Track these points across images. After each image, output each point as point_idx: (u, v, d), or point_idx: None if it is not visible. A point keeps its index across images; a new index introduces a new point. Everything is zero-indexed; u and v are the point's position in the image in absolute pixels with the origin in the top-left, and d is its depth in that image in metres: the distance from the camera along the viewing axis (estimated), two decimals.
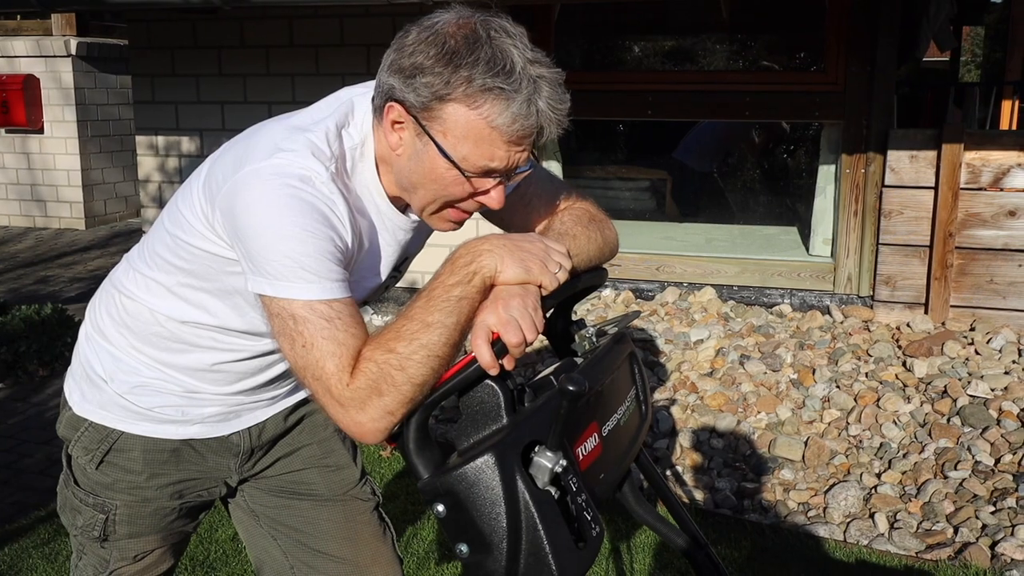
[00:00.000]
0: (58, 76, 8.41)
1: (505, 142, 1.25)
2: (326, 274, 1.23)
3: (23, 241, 8.28)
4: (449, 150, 1.25)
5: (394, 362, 1.17)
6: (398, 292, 5.06)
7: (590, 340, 1.42)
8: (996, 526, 2.95)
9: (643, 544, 2.95)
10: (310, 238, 1.23)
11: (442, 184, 1.29)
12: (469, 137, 1.24)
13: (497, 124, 1.23)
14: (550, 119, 1.25)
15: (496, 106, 1.22)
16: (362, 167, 1.37)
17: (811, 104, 4.62)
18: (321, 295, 1.23)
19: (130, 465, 1.59)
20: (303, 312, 1.22)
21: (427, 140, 1.27)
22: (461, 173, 1.27)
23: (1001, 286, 4.23)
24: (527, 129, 1.24)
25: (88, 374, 1.60)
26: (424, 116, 1.26)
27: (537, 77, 1.24)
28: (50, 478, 3.55)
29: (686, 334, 4.27)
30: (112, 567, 1.64)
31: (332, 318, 1.22)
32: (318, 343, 1.21)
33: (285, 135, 1.31)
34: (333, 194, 1.28)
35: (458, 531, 1.14)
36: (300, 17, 4.99)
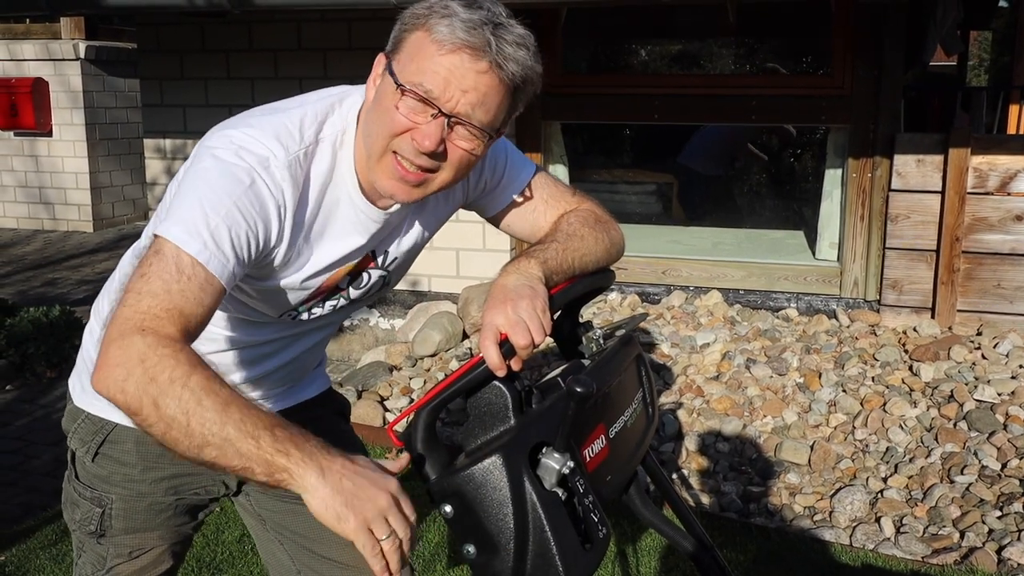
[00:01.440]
0: (67, 79, 8.45)
1: (441, 55, 1.24)
2: (214, 240, 1.21)
3: (31, 243, 8.31)
4: (396, 70, 1.27)
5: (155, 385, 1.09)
6: (404, 295, 5.07)
7: (597, 342, 1.42)
8: (1003, 531, 2.95)
9: (649, 547, 2.95)
10: (231, 210, 1.23)
11: (384, 112, 1.29)
12: (414, 55, 1.26)
13: (436, 36, 1.24)
14: (504, 53, 1.24)
15: (445, 22, 1.24)
16: (341, 155, 1.38)
17: (818, 108, 4.62)
18: (197, 252, 1.19)
19: (124, 457, 1.60)
20: (168, 251, 1.19)
21: (387, 72, 1.29)
22: (395, 84, 1.26)
23: (1008, 290, 4.23)
24: (467, 42, 1.22)
25: (88, 366, 1.61)
26: (392, 53, 1.30)
27: (502, 22, 1.25)
28: (57, 479, 3.54)
29: (692, 338, 4.27)
30: (109, 564, 1.65)
31: (185, 274, 1.18)
32: (153, 279, 1.17)
33: (260, 112, 1.35)
34: (284, 181, 1.29)
35: (465, 532, 1.15)
36: (308, 21, 5.01)
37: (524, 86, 1.30)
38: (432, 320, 4.61)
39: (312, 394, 1.76)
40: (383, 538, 1.06)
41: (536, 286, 1.27)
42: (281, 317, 1.49)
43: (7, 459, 3.81)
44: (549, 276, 1.33)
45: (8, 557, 3.01)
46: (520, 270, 1.30)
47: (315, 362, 1.74)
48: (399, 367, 4.42)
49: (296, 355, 1.63)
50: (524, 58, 1.26)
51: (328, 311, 1.55)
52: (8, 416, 4.25)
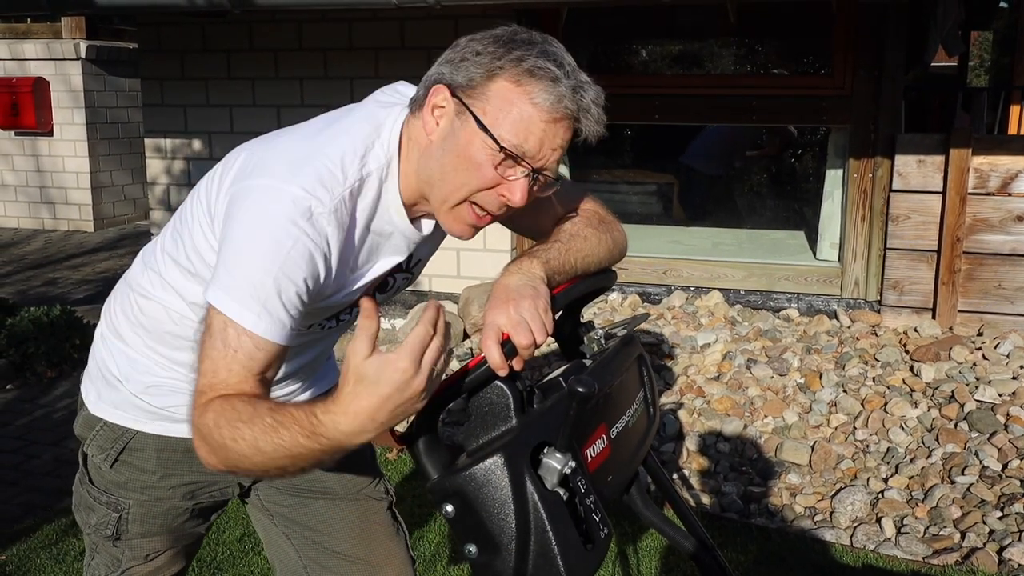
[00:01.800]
0: (68, 79, 8.45)
1: (543, 122, 1.26)
2: (267, 310, 1.23)
3: (32, 243, 8.31)
4: (488, 124, 1.26)
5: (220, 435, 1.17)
6: (406, 295, 5.07)
7: (599, 342, 1.42)
8: (1003, 531, 2.95)
9: (650, 547, 2.95)
10: (276, 273, 1.23)
11: (471, 165, 1.28)
12: (509, 111, 1.26)
13: (538, 101, 1.25)
14: (591, 114, 1.28)
15: (542, 85, 1.25)
16: (387, 187, 1.37)
17: (819, 108, 4.62)
18: (245, 322, 1.22)
19: (144, 464, 1.60)
20: (217, 326, 1.22)
21: (466, 117, 1.27)
22: (494, 142, 1.26)
23: (1009, 291, 4.23)
24: (568, 112, 1.26)
25: (104, 375, 1.61)
26: (468, 94, 1.27)
27: (586, 81, 1.29)
28: (58, 479, 3.56)
29: (693, 338, 4.27)
30: (124, 566, 1.65)
31: (230, 346, 1.22)
32: (206, 359, 1.23)
33: (306, 157, 1.31)
34: (329, 227, 1.28)
35: (467, 532, 1.15)
36: (309, 21, 5.01)
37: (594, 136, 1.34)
38: None
39: (327, 387, 1.76)
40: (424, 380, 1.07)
41: (538, 286, 1.27)
42: (310, 328, 1.50)
43: (7, 458, 3.81)
44: (551, 276, 1.33)
45: (9, 556, 3.01)
46: (523, 270, 1.30)
47: (327, 355, 1.75)
48: None
49: (315, 357, 1.65)
50: (601, 117, 1.31)
51: (354, 317, 1.56)
52: (8, 416, 4.25)
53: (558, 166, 1.32)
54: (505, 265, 1.34)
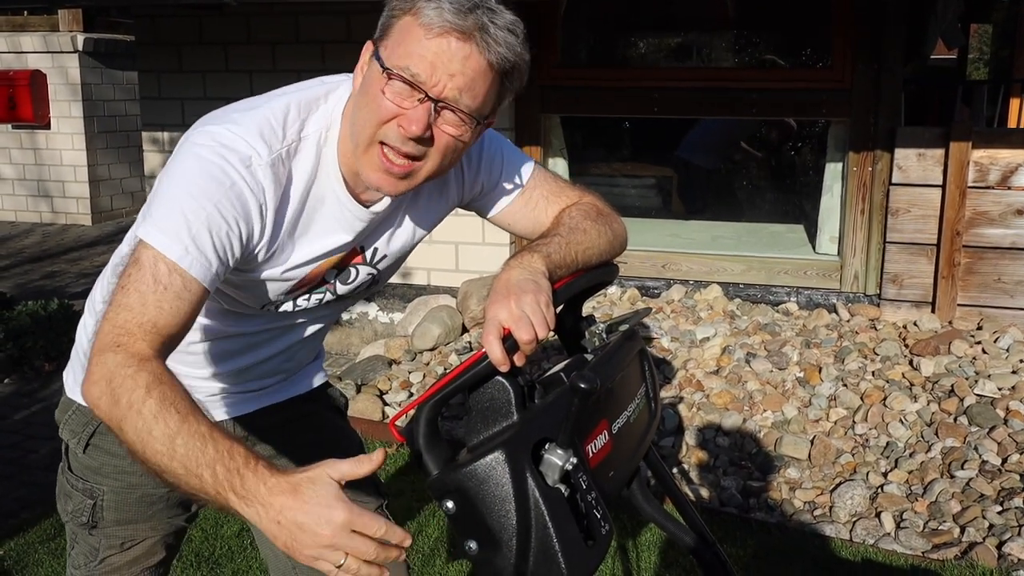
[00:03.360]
0: (65, 71, 8.42)
1: (428, 39, 1.22)
2: (196, 244, 1.21)
3: (30, 236, 8.29)
4: (383, 56, 1.26)
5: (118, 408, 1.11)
6: (404, 289, 5.06)
7: (600, 337, 1.41)
8: (1003, 526, 2.94)
9: (650, 542, 2.95)
10: (211, 209, 1.22)
11: (370, 99, 1.27)
12: (401, 40, 1.24)
13: (424, 20, 1.22)
14: (492, 37, 1.22)
15: (431, 5, 1.22)
16: (326, 152, 1.36)
17: (818, 102, 4.61)
18: (172, 254, 1.19)
19: (115, 448, 1.59)
20: (147, 260, 1.20)
21: (374, 59, 1.28)
22: (381, 68, 1.24)
23: (1009, 285, 4.22)
24: (452, 25, 1.21)
25: (80, 357, 1.62)
26: (379, 39, 1.28)
27: (491, 7, 1.24)
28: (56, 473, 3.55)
29: (692, 332, 4.26)
30: (101, 555, 1.65)
31: (161, 284, 1.18)
32: (130, 291, 1.18)
33: (245, 107, 1.33)
34: (265, 179, 1.28)
35: (467, 528, 1.14)
36: (306, 14, 4.99)
37: (512, 72, 1.29)
38: (431, 314, 4.60)
39: (306, 389, 1.75)
40: (338, 563, 1.02)
41: (540, 280, 1.27)
42: (264, 308, 1.48)
43: (5, 453, 3.80)
44: (553, 271, 1.32)
45: (6, 551, 3.01)
46: (523, 264, 1.29)
47: (310, 357, 1.73)
48: (398, 361, 4.41)
49: (286, 347, 1.62)
50: (513, 43, 1.25)
51: (314, 304, 1.53)
52: (6, 410, 4.24)
53: (475, 102, 1.26)
54: (506, 259, 1.33)
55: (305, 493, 1.03)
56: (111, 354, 1.14)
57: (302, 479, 1.04)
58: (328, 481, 1.04)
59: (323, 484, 1.04)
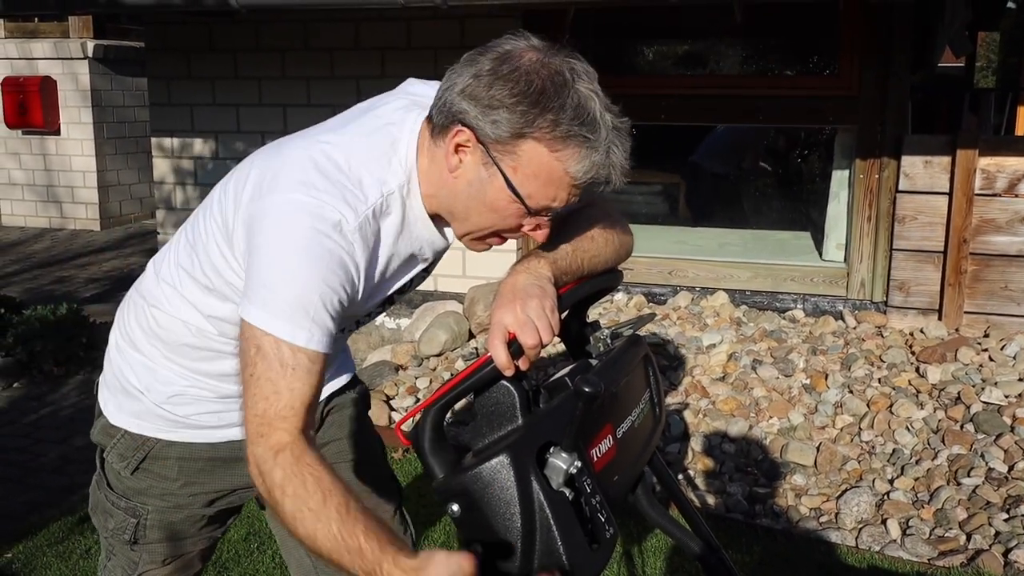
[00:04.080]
0: (75, 78, 8.47)
1: (573, 184, 1.26)
2: (316, 323, 1.23)
3: (39, 241, 8.33)
4: (517, 185, 1.26)
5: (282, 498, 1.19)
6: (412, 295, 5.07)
7: (605, 342, 1.42)
8: (1009, 533, 2.94)
9: (655, 547, 2.95)
10: (318, 286, 1.24)
11: (500, 216, 1.30)
12: (540, 177, 1.25)
13: (573, 171, 1.24)
14: (621, 170, 1.27)
15: (577, 153, 1.23)
16: (410, 203, 1.36)
17: (825, 109, 4.61)
18: (298, 340, 1.22)
19: (165, 472, 1.61)
20: (270, 348, 1.22)
21: (494, 172, 1.26)
22: (525, 209, 1.28)
23: (1016, 292, 4.21)
24: (600, 178, 1.26)
25: (123, 385, 1.60)
26: (496, 148, 1.24)
27: (614, 128, 1.25)
28: (65, 476, 3.57)
29: (698, 338, 4.27)
30: (140, 569, 1.67)
31: (288, 365, 1.22)
32: (262, 381, 1.22)
33: (320, 170, 1.29)
34: (356, 243, 1.28)
35: (472, 531, 1.15)
36: (315, 21, 5.01)
37: None
38: (438, 320, 4.61)
39: (343, 381, 1.78)
40: None
41: (545, 286, 1.28)
42: (344, 331, 1.53)
43: (14, 456, 3.82)
44: (559, 276, 1.33)
45: (15, 554, 3.02)
46: (530, 269, 1.30)
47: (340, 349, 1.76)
48: (405, 366, 4.42)
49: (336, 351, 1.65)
50: (627, 163, 1.28)
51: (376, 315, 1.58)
52: (15, 413, 4.26)
53: None
54: (512, 264, 1.34)
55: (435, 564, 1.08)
56: (273, 463, 1.19)
57: (435, 559, 1.09)
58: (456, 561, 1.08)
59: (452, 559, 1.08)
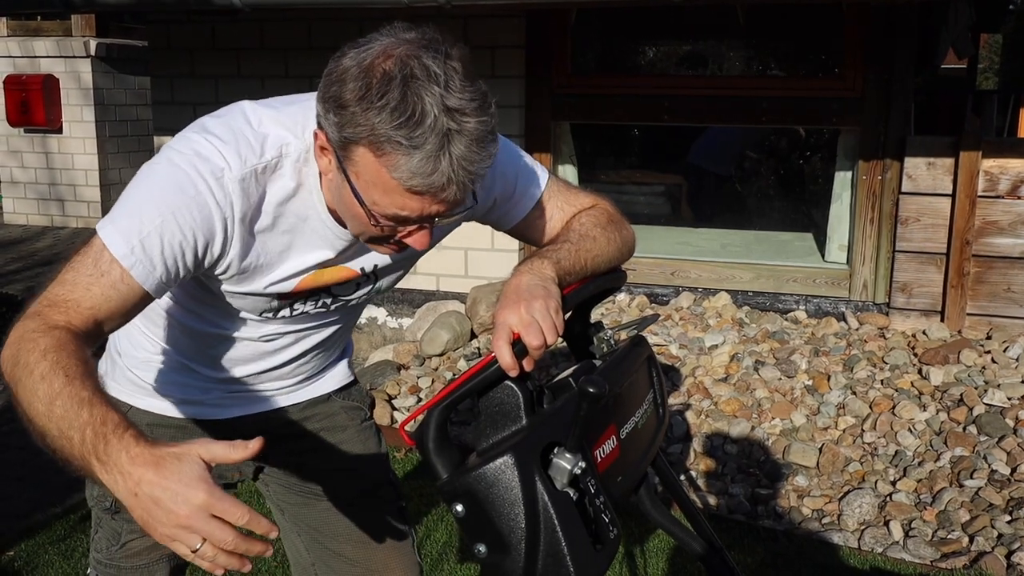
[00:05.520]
0: (78, 76, 8.47)
1: (409, 193, 1.17)
2: (146, 251, 1.22)
3: (41, 240, 8.33)
4: (361, 192, 1.21)
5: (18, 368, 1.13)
6: (413, 295, 5.07)
7: (608, 343, 1.42)
8: (1012, 535, 2.94)
9: (658, 548, 2.95)
10: (168, 216, 1.23)
11: (361, 223, 1.26)
12: (377, 184, 1.19)
13: (397, 176, 1.15)
14: (456, 177, 1.15)
15: (395, 158, 1.14)
16: (306, 172, 1.34)
17: (828, 110, 4.61)
18: (119, 253, 1.21)
19: None
20: (95, 247, 1.23)
21: (343, 177, 1.22)
22: (372, 218, 1.22)
23: (1018, 294, 4.21)
24: (427, 186, 1.15)
25: (109, 350, 1.66)
26: (341, 153, 1.21)
27: (452, 131, 1.13)
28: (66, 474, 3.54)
29: (700, 339, 4.26)
30: (123, 539, 1.68)
31: (101, 270, 1.21)
32: (69, 271, 1.21)
33: (228, 120, 1.32)
34: (234, 194, 1.27)
35: (476, 531, 1.15)
36: (319, 19, 5.01)
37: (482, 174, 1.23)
38: (440, 319, 4.62)
39: (330, 388, 1.76)
40: (194, 547, 0.98)
41: (549, 287, 1.27)
42: (262, 315, 1.50)
43: (15, 455, 3.82)
44: (562, 277, 1.33)
45: (16, 552, 3.02)
46: (533, 270, 1.30)
47: (332, 356, 1.74)
48: (407, 366, 4.42)
49: (306, 350, 1.63)
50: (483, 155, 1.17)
51: (318, 310, 1.54)
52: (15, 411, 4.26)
53: (461, 201, 1.22)
54: (515, 265, 1.33)
55: (167, 468, 0.99)
56: (30, 320, 1.17)
57: (167, 453, 1.00)
58: (195, 460, 1.00)
59: (189, 462, 0.99)
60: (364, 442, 1.79)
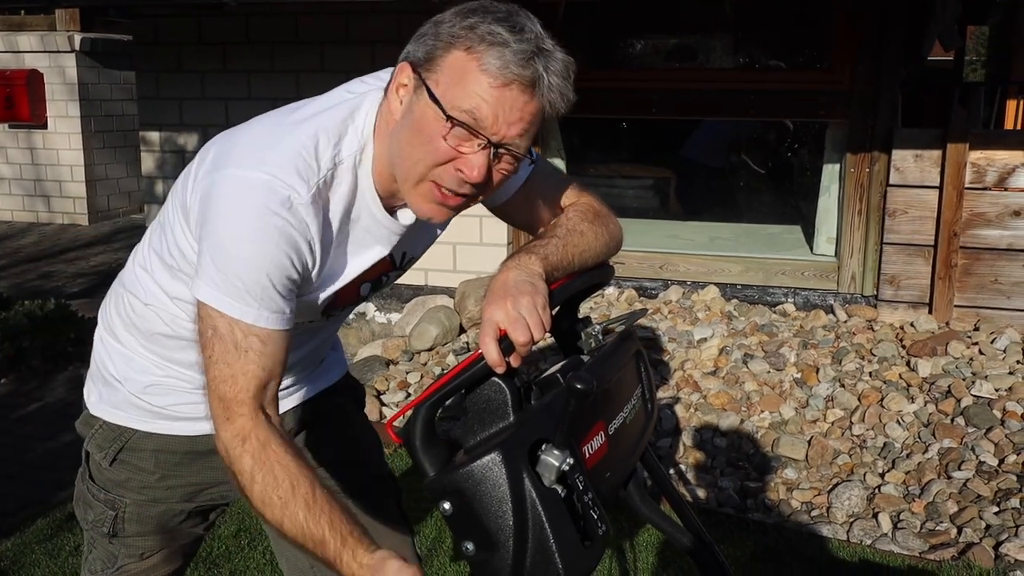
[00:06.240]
0: (62, 71, 8.42)
1: (493, 88, 1.20)
2: (265, 303, 1.24)
3: (27, 236, 8.28)
4: (439, 96, 1.23)
5: (251, 484, 1.21)
6: (401, 290, 5.06)
7: (596, 338, 1.41)
8: (1000, 526, 2.95)
9: (647, 542, 2.95)
10: (267, 266, 1.24)
11: (424, 139, 1.25)
12: (458, 80, 1.21)
13: (488, 67, 1.20)
14: (548, 82, 1.22)
15: (492, 51, 1.20)
16: (361, 173, 1.35)
17: (816, 103, 4.61)
18: (247, 319, 1.23)
19: (142, 464, 1.60)
20: (224, 328, 1.24)
21: (421, 90, 1.24)
22: (442, 112, 1.22)
23: (1006, 286, 4.23)
24: (517, 76, 1.20)
25: (103, 375, 1.61)
26: (425, 67, 1.25)
27: (545, 50, 1.22)
28: (54, 472, 3.55)
29: (689, 333, 4.27)
30: (120, 563, 1.65)
31: (241, 347, 1.24)
32: (220, 364, 1.24)
33: (275, 143, 1.29)
34: (308, 216, 1.27)
35: (464, 529, 1.14)
36: (306, 14, 4.99)
37: (558, 111, 1.28)
38: (429, 314, 4.60)
39: (333, 380, 1.77)
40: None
41: (536, 282, 1.27)
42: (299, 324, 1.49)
43: (2, 453, 3.80)
44: (549, 272, 1.32)
45: (3, 551, 3.00)
46: (520, 266, 1.29)
47: (329, 347, 1.75)
48: (396, 361, 4.41)
49: (315, 346, 1.64)
50: (566, 90, 1.25)
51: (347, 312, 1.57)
52: (3, 410, 4.24)
53: (526, 142, 1.27)
54: (502, 261, 1.33)
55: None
56: (241, 449, 1.21)
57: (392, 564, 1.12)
58: None
59: None
60: (366, 434, 1.79)
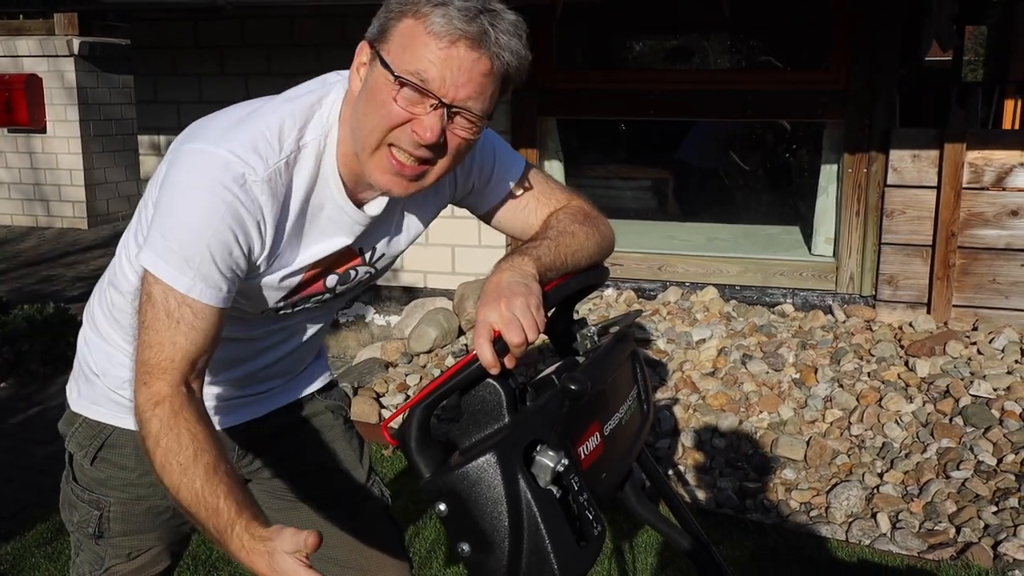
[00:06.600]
0: (61, 75, 8.43)
1: (440, 48, 1.21)
2: (202, 275, 1.25)
3: (26, 240, 8.29)
4: (392, 63, 1.24)
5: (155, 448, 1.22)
6: (399, 292, 5.06)
7: (592, 339, 1.42)
8: (998, 526, 2.95)
9: (645, 543, 2.95)
10: (210, 238, 1.25)
11: (378, 103, 1.26)
12: (408, 45, 1.23)
13: (433, 27, 1.21)
14: (497, 41, 1.22)
15: (437, 11, 1.21)
16: (325, 159, 1.36)
17: (814, 103, 4.61)
18: (180, 287, 1.24)
19: (123, 461, 1.59)
20: (159, 295, 1.26)
21: (376, 61, 1.26)
22: (391, 75, 1.23)
23: (1004, 286, 4.23)
24: (462, 32, 1.20)
25: (84, 371, 1.62)
26: (379, 40, 1.26)
27: (491, 10, 1.23)
28: (52, 477, 3.53)
29: (688, 334, 4.27)
30: (107, 564, 1.65)
31: (173, 316, 1.25)
32: (150, 330, 1.25)
33: (241, 125, 1.31)
34: (262, 195, 1.28)
35: (460, 530, 1.14)
36: (302, 17, 4.99)
37: (515, 74, 1.29)
38: (428, 316, 4.61)
39: (314, 388, 1.75)
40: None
41: (530, 283, 1.27)
42: (263, 313, 1.48)
43: (1, 456, 3.80)
44: (543, 273, 1.32)
45: (2, 555, 3.00)
46: (514, 267, 1.29)
47: (313, 353, 1.73)
48: (395, 363, 4.41)
49: (292, 349, 1.62)
50: (517, 47, 1.26)
51: (313, 304, 1.54)
52: (3, 414, 4.24)
53: (481, 105, 1.27)
54: (496, 262, 1.33)
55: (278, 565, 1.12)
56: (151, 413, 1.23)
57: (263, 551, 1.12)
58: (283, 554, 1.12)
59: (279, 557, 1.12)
60: (349, 440, 1.78)
